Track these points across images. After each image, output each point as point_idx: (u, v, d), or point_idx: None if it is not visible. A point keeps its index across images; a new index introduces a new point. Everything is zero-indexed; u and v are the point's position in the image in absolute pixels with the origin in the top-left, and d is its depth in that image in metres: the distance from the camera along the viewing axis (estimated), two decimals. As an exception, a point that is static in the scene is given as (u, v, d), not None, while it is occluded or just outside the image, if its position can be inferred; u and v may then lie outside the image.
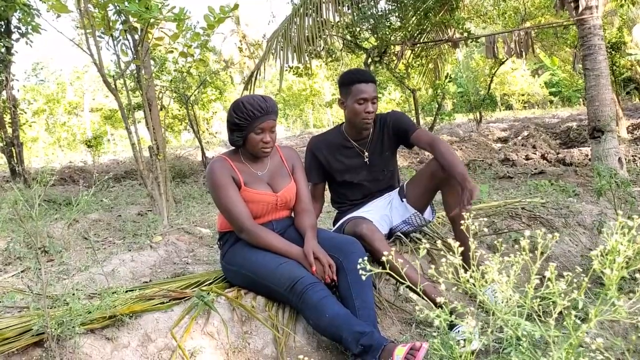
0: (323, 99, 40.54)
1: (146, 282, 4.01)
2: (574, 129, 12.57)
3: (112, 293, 2.87)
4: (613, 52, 12.36)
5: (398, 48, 8.75)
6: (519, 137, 12.04)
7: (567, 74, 28.73)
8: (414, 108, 10.84)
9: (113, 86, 5.33)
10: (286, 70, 9.03)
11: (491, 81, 15.36)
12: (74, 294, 2.81)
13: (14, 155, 10.96)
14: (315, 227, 3.14)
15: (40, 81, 32.34)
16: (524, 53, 8.09)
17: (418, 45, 8.98)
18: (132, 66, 5.76)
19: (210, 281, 3.32)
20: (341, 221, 3.62)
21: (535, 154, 9.08)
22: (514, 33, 8.08)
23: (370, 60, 8.73)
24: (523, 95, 34.37)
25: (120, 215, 6.82)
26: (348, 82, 3.48)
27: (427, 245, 3.68)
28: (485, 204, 4.62)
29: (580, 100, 38.40)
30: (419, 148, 3.66)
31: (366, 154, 3.61)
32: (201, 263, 4.42)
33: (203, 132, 13.34)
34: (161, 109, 11.14)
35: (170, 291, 3.01)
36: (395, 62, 9.00)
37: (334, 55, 9.84)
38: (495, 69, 14.97)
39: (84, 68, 27.22)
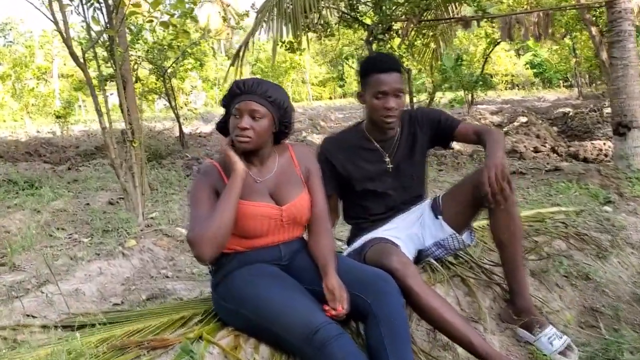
0: (304, 73, 39.73)
1: (117, 303, 3.31)
2: (572, 115, 12.05)
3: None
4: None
5: (401, 25, 8.05)
6: (515, 124, 11.44)
7: (557, 56, 28.07)
8: (408, 88, 10.13)
9: (81, 60, 4.53)
10: (278, 45, 8.24)
11: (485, 61, 14.69)
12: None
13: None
14: (335, 253, 2.46)
15: (8, 42, 30.83)
16: (542, 35, 7.43)
17: (423, 22, 8.25)
18: (104, 36, 4.94)
19: (199, 317, 2.62)
20: (361, 241, 2.92)
21: (544, 145, 8.48)
22: (532, 14, 7.41)
23: (372, 37, 7.98)
24: (507, 75, 33.85)
25: (88, 204, 6.06)
26: (365, 71, 2.79)
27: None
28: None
29: (561, 82, 38.22)
30: (466, 143, 2.98)
31: (390, 158, 2.92)
32: (183, 278, 3.73)
33: (182, 107, 12.47)
34: (136, 82, 10.27)
35: (148, 340, 2.31)
36: (397, 39, 8.29)
37: (329, 30, 9.06)
38: (490, 49, 14.30)
39: (54, 32, 25.82)
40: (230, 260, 2.38)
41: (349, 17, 8.82)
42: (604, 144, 7.93)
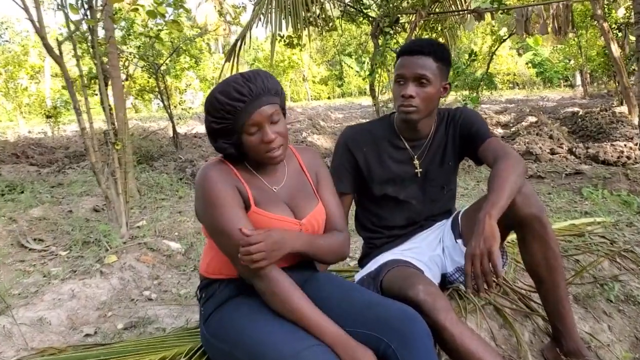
0: (302, 72, 39.24)
1: (89, 334, 2.83)
2: (582, 115, 11.56)
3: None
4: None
5: (409, 18, 7.58)
6: (524, 124, 10.98)
7: (564, 54, 27.52)
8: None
9: (58, 52, 4.07)
10: (277, 40, 7.75)
11: (490, 59, 14.21)
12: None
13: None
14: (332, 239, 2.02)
15: (4, 42, 30.44)
16: (562, 30, 6.94)
17: (432, 15, 7.75)
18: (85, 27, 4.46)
19: (182, 357, 2.16)
20: (376, 263, 2.44)
21: (561, 147, 7.99)
22: (551, 6, 6.90)
23: (378, 31, 7.49)
24: (508, 75, 33.33)
25: (71, 211, 5.56)
26: (396, 56, 2.36)
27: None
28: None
29: (561, 82, 37.78)
30: (485, 164, 2.42)
31: (419, 161, 2.44)
32: (168, 301, 3.24)
33: (175, 106, 11.96)
34: (127, 79, 9.79)
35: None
36: (404, 34, 7.83)
37: (331, 24, 8.57)
38: (496, 46, 13.82)
39: (46, 29, 25.28)
40: (224, 288, 1.91)
41: (352, 9, 8.35)
42: (625, 145, 7.46)
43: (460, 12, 7.68)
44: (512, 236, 3.10)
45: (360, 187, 2.51)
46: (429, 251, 2.47)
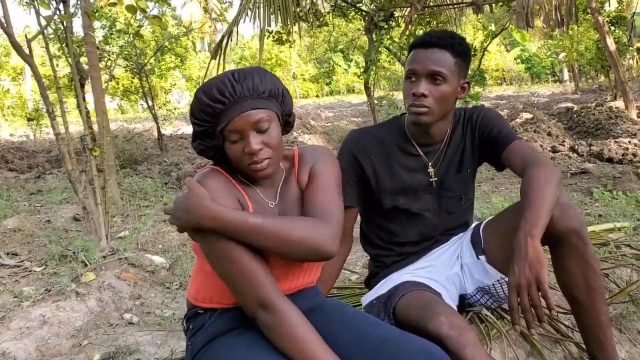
0: (290, 70, 38.89)
1: (61, 369, 2.51)
2: (577, 111, 11.34)
3: None
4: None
5: (403, 12, 7.31)
6: (518, 120, 10.70)
7: (548, 50, 27.47)
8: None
9: (27, 51, 3.73)
10: (265, 36, 7.41)
11: (482, 55, 13.92)
12: None
13: None
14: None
15: (-13, 43, 29.91)
16: (565, 21, 6.67)
17: (428, 9, 7.45)
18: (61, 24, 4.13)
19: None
20: (387, 285, 2.14)
21: (563, 144, 7.73)
22: (552, -3, 6.65)
23: (372, 25, 7.18)
24: (497, 71, 33.17)
25: (49, 221, 5.22)
26: (408, 50, 2.06)
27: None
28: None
29: (549, 77, 37.72)
30: (510, 170, 2.11)
31: (433, 169, 2.14)
32: (151, 324, 2.91)
33: (160, 106, 11.56)
34: (110, 80, 9.42)
35: None
36: (398, 29, 7.55)
37: (321, 19, 8.24)
38: (488, 42, 13.54)
39: (26, 29, 24.70)
40: (216, 319, 1.60)
41: (344, 4, 8.03)
42: (629, 142, 7.20)
43: (458, 5, 7.38)
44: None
45: (367, 198, 2.20)
46: (446, 270, 2.18)
